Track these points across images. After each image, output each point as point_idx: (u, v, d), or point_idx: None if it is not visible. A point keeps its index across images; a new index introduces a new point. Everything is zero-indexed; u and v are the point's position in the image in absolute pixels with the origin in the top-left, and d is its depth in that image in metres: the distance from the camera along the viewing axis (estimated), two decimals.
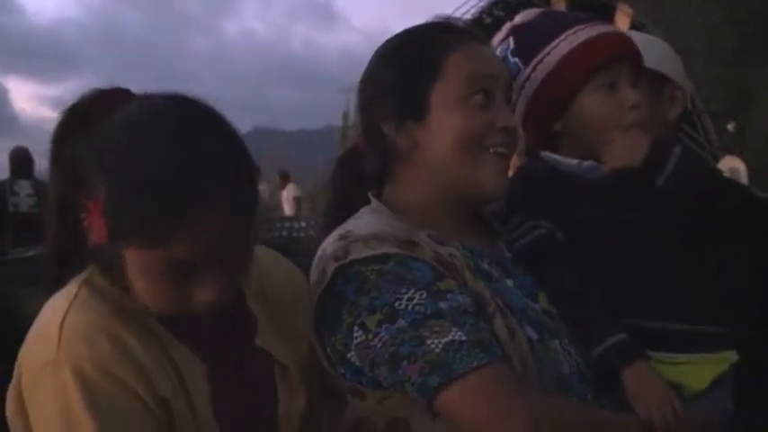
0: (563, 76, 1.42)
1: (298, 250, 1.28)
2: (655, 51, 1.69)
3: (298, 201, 12.91)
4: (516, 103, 1.45)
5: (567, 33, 1.43)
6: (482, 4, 10.69)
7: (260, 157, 1.12)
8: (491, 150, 1.27)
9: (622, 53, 1.44)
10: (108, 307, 1.04)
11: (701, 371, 1.36)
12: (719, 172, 1.54)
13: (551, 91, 1.43)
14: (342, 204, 1.37)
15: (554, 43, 1.43)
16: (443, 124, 1.26)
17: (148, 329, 1.05)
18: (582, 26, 1.44)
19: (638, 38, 1.74)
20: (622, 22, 9.29)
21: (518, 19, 1.52)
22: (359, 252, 1.19)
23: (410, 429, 1.18)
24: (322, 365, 1.25)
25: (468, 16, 10.85)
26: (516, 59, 1.45)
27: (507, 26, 1.51)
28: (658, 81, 1.67)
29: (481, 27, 1.61)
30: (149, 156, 0.98)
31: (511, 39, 1.47)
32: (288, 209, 12.63)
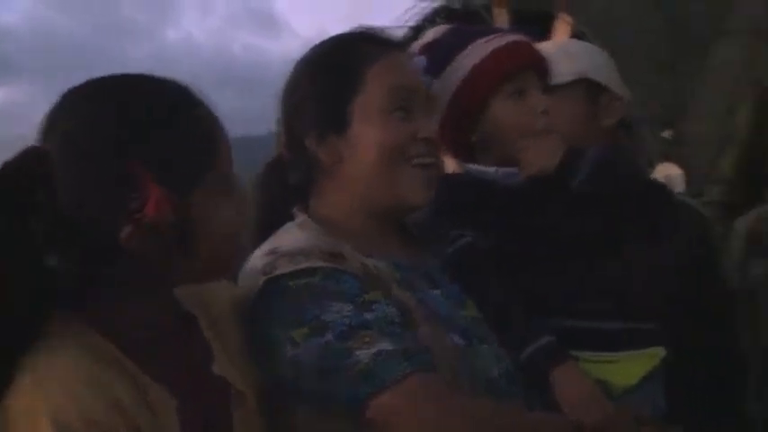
0: (474, 85, 1.45)
1: None
2: (592, 60, 1.73)
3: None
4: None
5: (474, 45, 1.46)
6: (425, 11, 10.75)
7: None
8: (414, 161, 1.27)
9: (529, 61, 1.48)
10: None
11: (629, 368, 1.39)
12: (641, 175, 1.57)
13: (464, 102, 1.46)
14: (268, 215, 1.36)
15: (463, 54, 1.46)
16: (365, 137, 1.27)
17: (124, 371, 1.02)
18: (489, 37, 1.48)
19: (576, 47, 1.79)
20: (563, 31, 9.41)
21: (427, 37, 1.54)
22: (286, 267, 1.19)
23: None
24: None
25: (410, 23, 10.92)
26: (428, 77, 1.46)
27: (417, 45, 1.53)
28: (595, 89, 1.70)
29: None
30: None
31: (422, 57, 1.48)
32: None
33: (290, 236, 1.27)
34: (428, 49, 1.50)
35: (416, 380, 1.12)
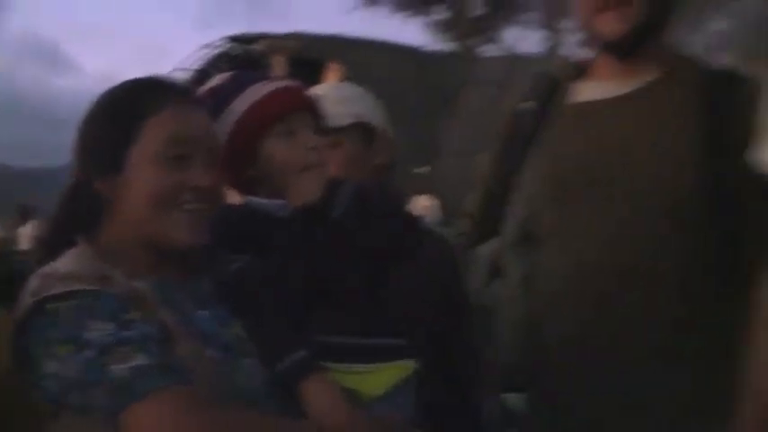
0: (247, 126, 1.50)
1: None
2: (366, 105, 1.82)
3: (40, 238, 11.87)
4: None
5: (249, 90, 1.52)
6: (208, 57, 10.72)
7: None
8: (184, 207, 1.33)
9: (300, 104, 1.55)
10: None
11: (378, 378, 1.44)
12: (397, 207, 1.66)
13: (239, 141, 1.50)
14: (54, 240, 1.37)
15: (239, 99, 1.51)
16: (138, 182, 1.32)
17: None
18: (263, 83, 1.54)
19: (352, 92, 1.87)
20: (333, 76, 9.65)
21: (211, 83, 1.59)
22: (53, 289, 1.23)
23: None
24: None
25: (195, 66, 10.80)
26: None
27: (201, 90, 1.57)
28: (369, 132, 1.80)
29: (207, 78, 1.65)
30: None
31: (208, 98, 1.52)
32: (26, 244, 11.77)
33: (66, 260, 1.30)
34: (211, 94, 1.55)
35: (169, 393, 1.18)
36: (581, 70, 1.87)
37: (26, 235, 11.89)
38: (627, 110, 1.74)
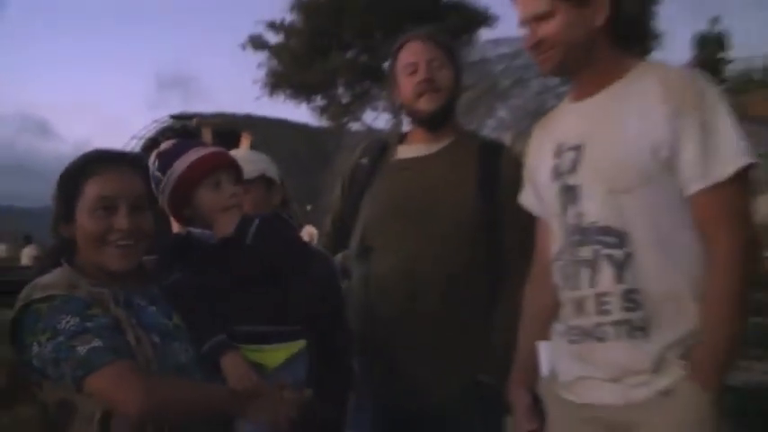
0: (185, 180, 1.47)
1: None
2: (267, 163, 1.81)
3: (38, 258, 11.66)
4: (162, 199, 1.50)
5: (187, 154, 1.49)
6: (157, 128, 10.38)
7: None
8: (114, 243, 1.31)
9: (224, 163, 1.51)
10: None
11: (276, 355, 1.43)
12: (290, 234, 1.64)
13: (180, 190, 1.48)
14: (48, 261, 1.36)
15: (174, 165, 1.48)
16: (81, 227, 1.31)
17: None
18: (197, 149, 1.51)
19: (258, 155, 1.86)
20: (245, 143, 9.46)
21: (161, 147, 1.56)
22: (37, 294, 1.25)
23: (74, 404, 1.23)
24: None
25: (147, 135, 10.38)
26: (159, 173, 1.49)
27: (154, 152, 1.54)
28: (269, 181, 1.78)
29: (156, 145, 1.61)
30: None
31: (156, 161, 1.50)
32: (27, 262, 12.02)
33: (49, 276, 1.30)
34: (159, 156, 1.52)
35: (115, 366, 1.19)
36: (402, 137, 1.93)
37: (27, 255, 12.40)
38: (431, 163, 1.82)
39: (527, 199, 1.54)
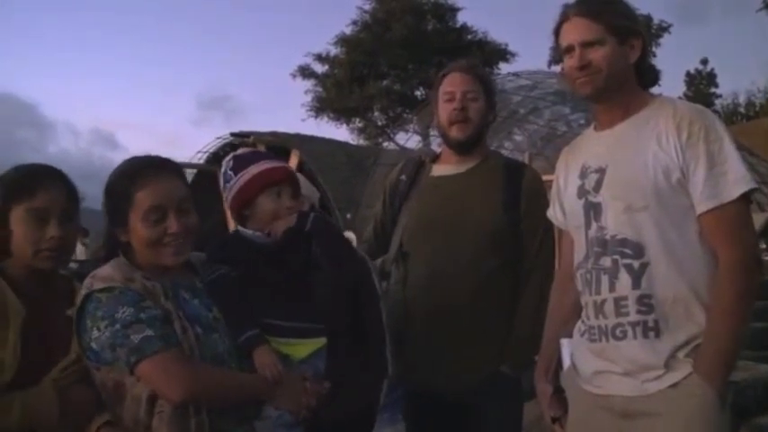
0: (253, 184, 1.47)
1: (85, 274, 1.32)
2: (315, 196, 1.80)
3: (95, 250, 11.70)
4: (227, 197, 1.49)
5: (254, 164, 1.50)
6: (218, 145, 10.61)
7: None
8: (168, 244, 1.28)
9: (287, 178, 1.50)
10: None
11: (301, 348, 1.39)
12: (338, 228, 1.65)
13: (244, 194, 1.47)
14: (106, 255, 1.34)
15: (248, 168, 1.48)
16: (136, 232, 1.29)
17: None
18: (263, 161, 1.51)
19: (309, 187, 1.86)
20: (294, 160, 9.56)
21: (238, 151, 1.58)
22: (98, 285, 1.24)
23: (125, 386, 1.23)
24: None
25: (212, 149, 10.60)
26: (231, 172, 1.48)
27: (231, 154, 1.56)
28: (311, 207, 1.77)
29: (218, 158, 1.62)
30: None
31: (231, 161, 1.51)
32: (81, 255, 11.41)
33: (107, 267, 1.29)
34: (235, 158, 1.53)
35: (165, 353, 1.20)
36: (436, 157, 1.95)
37: (81, 249, 11.77)
38: (462, 181, 1.84)
39: (554, 214, 1.54)
